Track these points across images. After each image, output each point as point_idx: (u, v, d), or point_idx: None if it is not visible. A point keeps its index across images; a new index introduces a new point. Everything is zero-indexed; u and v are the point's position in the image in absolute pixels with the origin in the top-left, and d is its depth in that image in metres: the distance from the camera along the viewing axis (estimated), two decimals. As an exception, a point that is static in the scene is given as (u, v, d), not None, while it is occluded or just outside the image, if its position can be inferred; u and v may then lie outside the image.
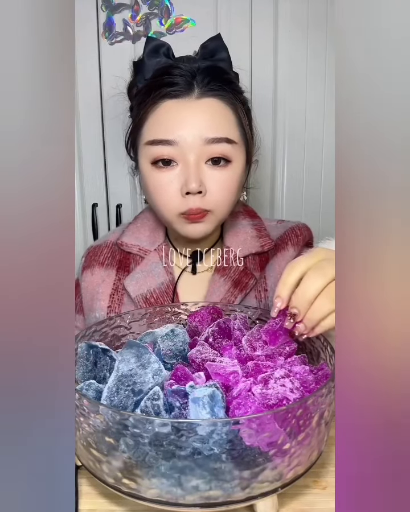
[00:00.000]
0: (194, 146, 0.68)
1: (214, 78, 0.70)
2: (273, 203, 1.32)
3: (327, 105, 1.25)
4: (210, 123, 0.69)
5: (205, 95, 0.70)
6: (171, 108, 0.70)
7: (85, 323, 0.84)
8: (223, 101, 0.71)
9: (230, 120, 0.71)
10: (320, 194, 1.32)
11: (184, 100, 0.70)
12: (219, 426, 0.39)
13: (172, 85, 0.69)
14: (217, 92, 0.70)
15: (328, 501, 0.49)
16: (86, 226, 1.30)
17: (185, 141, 0.68)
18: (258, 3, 1.17)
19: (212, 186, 0.70)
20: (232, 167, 0.71)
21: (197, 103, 0.70)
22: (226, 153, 0.70)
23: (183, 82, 0.69)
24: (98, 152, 1.25)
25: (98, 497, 0.50)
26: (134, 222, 0.87)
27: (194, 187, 0.68)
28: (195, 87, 0.70)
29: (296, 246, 0.81)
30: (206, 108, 0.70)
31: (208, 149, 0.69)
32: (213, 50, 0.75)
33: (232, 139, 0.70)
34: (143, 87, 0.74)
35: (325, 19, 1.19)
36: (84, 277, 0.84)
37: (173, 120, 0.69)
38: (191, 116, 0.69)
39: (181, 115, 0.69)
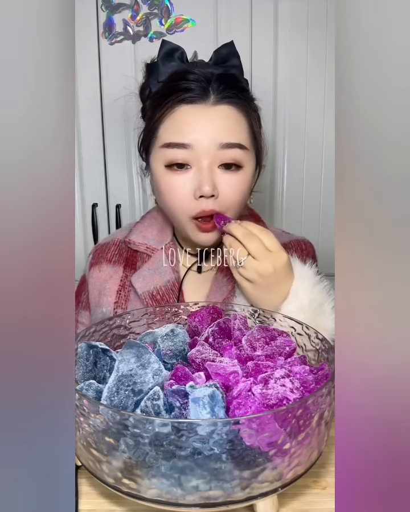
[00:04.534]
0: (208, 150, 0.70)
1: (229, 86, 0.73)
2: (273, 203, 1.32)
3: (327, 105, 1.25)
4: (224, 129, 0.71)
5: (221, 102, 0.72)
6: (187, 113, 0.72)
7: (91, 320, 0.86)
8: (237, 108, 0.73)
9: (243, 126, 0.74)
10: (320, 195, 1.32)
11: (200, 106, 0.72)
12: (219, 426, 0.39)
13: (189, 91, 0.71)
14: (232, 100, 0.73)
15: (328, 501, 0.49)
16: (86, 226, 1.30)
17: (200, 145, 0.70)
18: (258, 3, 1.18)
19: (224, 190, 0.72)
20: (243, 172, 0.73)
21: (213, 109, 0.72)
22: (239, 158, 0.72)
23: (198, 88, 0.72)
24: (98, 152, 1.25)
25: (98, 497, 0.50)
26: (141, 221, 0.89)
27: (208, 190, 0.70)
28: (211, 93, 0.72)
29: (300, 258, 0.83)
30: (221, 114, 0.72)
31: (222, 154, 0.71)
32: (225, 56, 0.77)
33: (244, 145, 0.72)
34: (159, 91, 0.76)
35: (325, 19, 1.19)
36: (92, 274, 0.86)
37: (190, 125, 0.71)
38: (207, 122, 0.71)
39: (197, 120, 0.71)
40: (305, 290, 0.68)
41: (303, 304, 0.67)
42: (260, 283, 0.67)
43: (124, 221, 1.29)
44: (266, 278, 0.66)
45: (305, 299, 0.67)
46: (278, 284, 0.67)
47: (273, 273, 0.66)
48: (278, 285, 0.67)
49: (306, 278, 0.69)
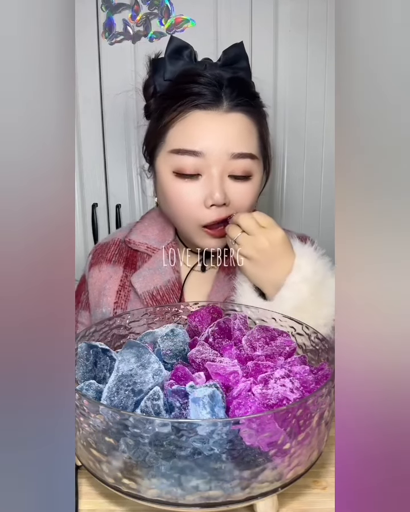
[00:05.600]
0: (220, 159, 0.70)
1: (241, 92, 0.72)
2: (273, 202, 1.32)
3: (327, 105, 1.25)
4: (236, 138, 0.71)
5: (234, 110, 0.71)
6: (199, 119, 0.71)
7: (91, 320, 0.86)
8: (249, 117, 0.73)
9: (254, 135, 0.74)
10: (320, 194, 1.32)
11: (213, 112, 0.71)
12: (219, 426, 0.39)
13: (201, 96, 0.70)
14: (244, 108, 0.72)
15: (328, 501, 0.49)
16: (86, 226, 1.30)
17: (212, 153, 0.70)
18: (258, 3, 1.17)
19: (234, 198, 0.72)
20: (252, 180, 0.74)
21: (226, 117, 0.71)
22: (249, 168, 0.72)
23: (211, 93, 0.70)
24: (98, 152, 1.25)
25: (98, 497, 0.50)
26: (141, 221, 0.89)
27: (220, 199, 0.70)
28: (223, 99, 0.71)
29: None
30: (234, 122, 0.71)
31: (233, 164, 0.71)
32: (234, 57, 0.76)
33: (255, 155, 0.73)
34: (167, 92, 0.74)
35: (325, 19, 1.19)
36: (91, 274, 0.85)
37: (201, 132, 0.70)
38: (219, 130, 0.70)
39: (210, 127, 0.70)
40: (307, 263, 0.68)
41: (307, 275, 0.67)
42: (258, 259, 0.67)
43: (124, 221, 1.29)
44: (263, 253, 0.67)
45: (309, 271, 0.67)
46: (277, 259, 0.68)
47: (270, 247, 0.67)
48: (278, 260, 0.68)
49: (307, 253, 0.70)
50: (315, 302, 0.67)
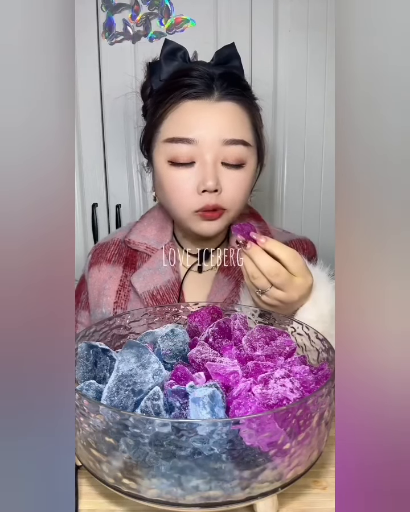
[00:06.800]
0: (212, 146, 0.71)
1: (232, 83, 0.73)
2: (273, 202, 1.32)
3: (327, 105, 1.25)
4: (228, 125, 0.72)
5: (224, 99, 0.72)
6: (191, 108, 0.72)
7: (91, 320, 0.86)
8: (240, 105, 0.74)
9: (246, 123, 0.74)
10: (320, 194, 1.32)
11: (204, 101, 0.72)
12: (219, 426, 0.39)
13: (192, 87, 0.72)
14: (235, 96, 0.73)
15: (328, 501, 0.49)
16: (86, 226, 1.30)
17: (205, 140, 0.70)
18: (258, 3, 1.17)
19: (227, 186, 0.72)
20: (245, 168, 0.74)
21: (217, 105, 0.72)
22: (241, 156, 0.73)
23: (202, 84, 0.72)
24: (98, 152, 1.25)
25: (98, 497, 0.50)
26: (140, 220, 0.89)
27: (211, 185, 0.70)
28: (215, 90, 0.72)
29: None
30: (225, 110, 0.72)
31: (225, 150, 0.71)
32: (227, 57, 0.78)
33: (247, 142, 0.73)
34: (161, 88, 0.76)
35: (325, 19, 1.19)
36: (91, 274, 0.85)
37: (194, 120, 0.71)
38: (211, 118, 0.72)
39: (202, 115, 0.72)
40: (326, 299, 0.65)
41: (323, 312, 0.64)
42: (281, 307, 0.65)
43: (124, 221, 1.29)
44: (289, 304, 0.64)
45: (325, 308, 0.65)
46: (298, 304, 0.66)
47: (297, 301, 0.64)
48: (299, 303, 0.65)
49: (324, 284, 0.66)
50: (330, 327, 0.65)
